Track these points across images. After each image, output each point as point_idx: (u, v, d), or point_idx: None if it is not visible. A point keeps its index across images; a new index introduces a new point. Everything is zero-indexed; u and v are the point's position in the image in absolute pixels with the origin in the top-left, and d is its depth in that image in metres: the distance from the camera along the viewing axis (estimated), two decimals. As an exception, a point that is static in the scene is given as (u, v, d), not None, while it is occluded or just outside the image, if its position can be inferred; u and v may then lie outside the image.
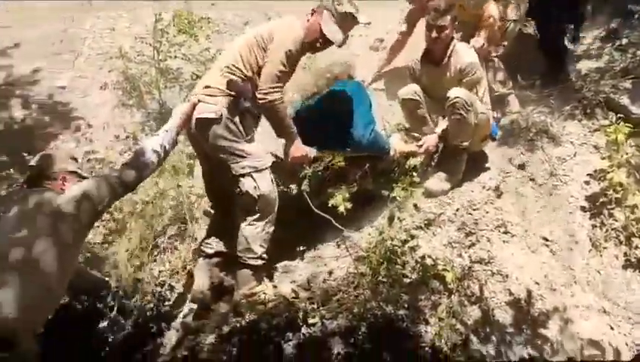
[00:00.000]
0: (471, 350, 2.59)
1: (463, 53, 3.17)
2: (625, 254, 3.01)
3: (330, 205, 2.89)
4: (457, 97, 3.02)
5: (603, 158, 3.30)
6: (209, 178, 3.00)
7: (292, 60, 2.70)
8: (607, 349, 2.73)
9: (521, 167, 3.41)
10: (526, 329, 2.73)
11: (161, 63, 4.02)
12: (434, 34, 3.12)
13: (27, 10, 4.77)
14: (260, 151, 2.79)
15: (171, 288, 3.05)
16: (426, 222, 3.07)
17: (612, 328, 2.80)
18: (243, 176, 2.69)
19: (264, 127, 2.92)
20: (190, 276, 3.06)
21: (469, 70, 3.11)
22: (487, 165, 3.42)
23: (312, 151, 2.91)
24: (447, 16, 3.08)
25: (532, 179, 3.34)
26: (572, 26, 3.97)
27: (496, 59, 3.77)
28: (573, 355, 2.70)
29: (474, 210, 3.14)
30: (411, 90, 3.28)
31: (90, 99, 4.19)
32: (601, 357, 2.72)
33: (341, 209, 2.83)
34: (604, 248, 3.05)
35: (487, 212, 3.13)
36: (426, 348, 2.53)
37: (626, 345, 2.76)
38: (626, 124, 3.14)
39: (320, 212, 2.90)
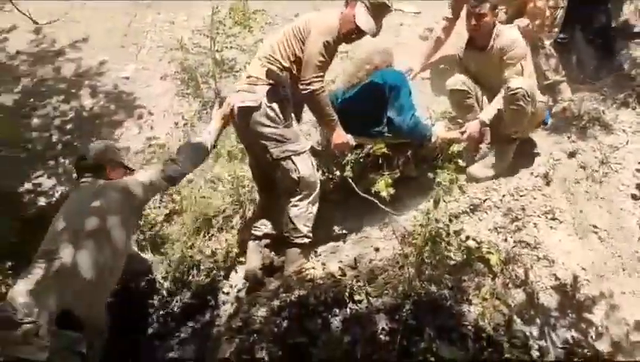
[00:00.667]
0: (514, 330, 2.63)
1: (505, 33, 3.19)
2: (676, 242, 2.97)
3: (373, 191, 2.95)
4: (519, 88, 3.01)
5: (657, 146, 3.25)
6: (254, 164, 3.16)
7: (330, 51, 2.81)
8: (655, 335, 2.73)
9: (572, 154, 3.38)
10: (571, 313, 2.75)
11: (217, 54, 4.21)
12: (473, 21, 3.15)
13: (95, 6, 5.08)
14: (299, 135, 2.93)
15: (225, 264, 3.25)
16: (471, 207, 3.14)
17: (660, 315, 2.79)
18: (283, 159, 2.83)
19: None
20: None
21: (509, 45, 3.12)
22: (536, 152, 3.43)
23: (352, 139, 3.01)
24: (486, 3, 3.09)
25: (583, 167, 3.31)
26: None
27: (548, 46, 3.73)
28: (619, 340, 2.70)
29: (521, 196, 3.16)
30: (459, 80, 3.32)
31: (151, 89, 4.43)
32: (648, 343, 2.71)
33: (384, 194, 2.87)
34: (655, 236, 3.02)
35: (534, 198, 3.14)
36: (469, 327, 2.59)
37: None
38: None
39: (367, 196, 3.00)
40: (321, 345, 2.62)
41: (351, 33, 2.89)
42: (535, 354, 2.60)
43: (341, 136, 2.95)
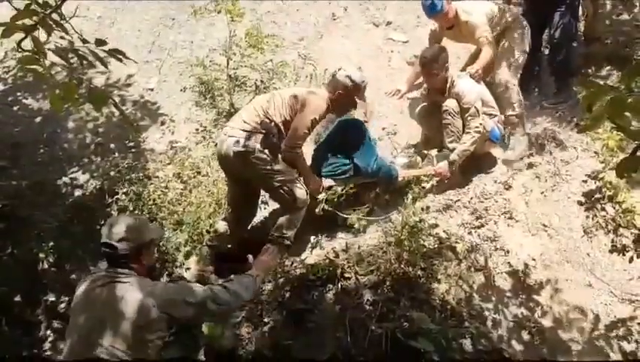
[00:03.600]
0: (473, 305, 3.25)
1: (458, 83, 3.90)
2: (612, 241, 3.54)
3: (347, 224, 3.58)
4: (446, 105, 3.86)
5: (601, 162, 3.89)
6: (232, 193, 3.74)
7: (314, 125, 3.56)
8: (589, 315, 3.32)
9: (530, 166, 4.04)
10: (521, 293, 3.36)
11: (232, 71, 4.82)
12: (427, 78, 3.96)
13: (121, 25, 5.70)
14: (287, 167, 3.55)
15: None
16: (445, 206, 3.77)
17: (595, 299, 3.38)
18: (281, 188, 3.48)
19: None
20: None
21: (462, 92, 3.87)
22: (500, 164, 4.08)
23: (326, 182, 3.68)
24: (434, 63, 3.83)
25: (538, 177, 3.96)
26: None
27: (514, 84, 4.33)
28: (560, 317, 3.30)
29: (485, 199, 3.79)
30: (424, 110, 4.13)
31: (172, 99, 5.03)
32: (583, 320, 3.31)
33: (356, 226, 3.53)
34: (595, 235, 3.61)
35: (496, 201, 3.78)
36: (437, 300, 3.21)
37: (605, 313, 3.33)
38: (618, 133, 3.72)
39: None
40: (317, 312, 3.23)
41: (343, 110, 3.74)
42: (489, 324, 3.22)
43: (315, 182, 3.65)
